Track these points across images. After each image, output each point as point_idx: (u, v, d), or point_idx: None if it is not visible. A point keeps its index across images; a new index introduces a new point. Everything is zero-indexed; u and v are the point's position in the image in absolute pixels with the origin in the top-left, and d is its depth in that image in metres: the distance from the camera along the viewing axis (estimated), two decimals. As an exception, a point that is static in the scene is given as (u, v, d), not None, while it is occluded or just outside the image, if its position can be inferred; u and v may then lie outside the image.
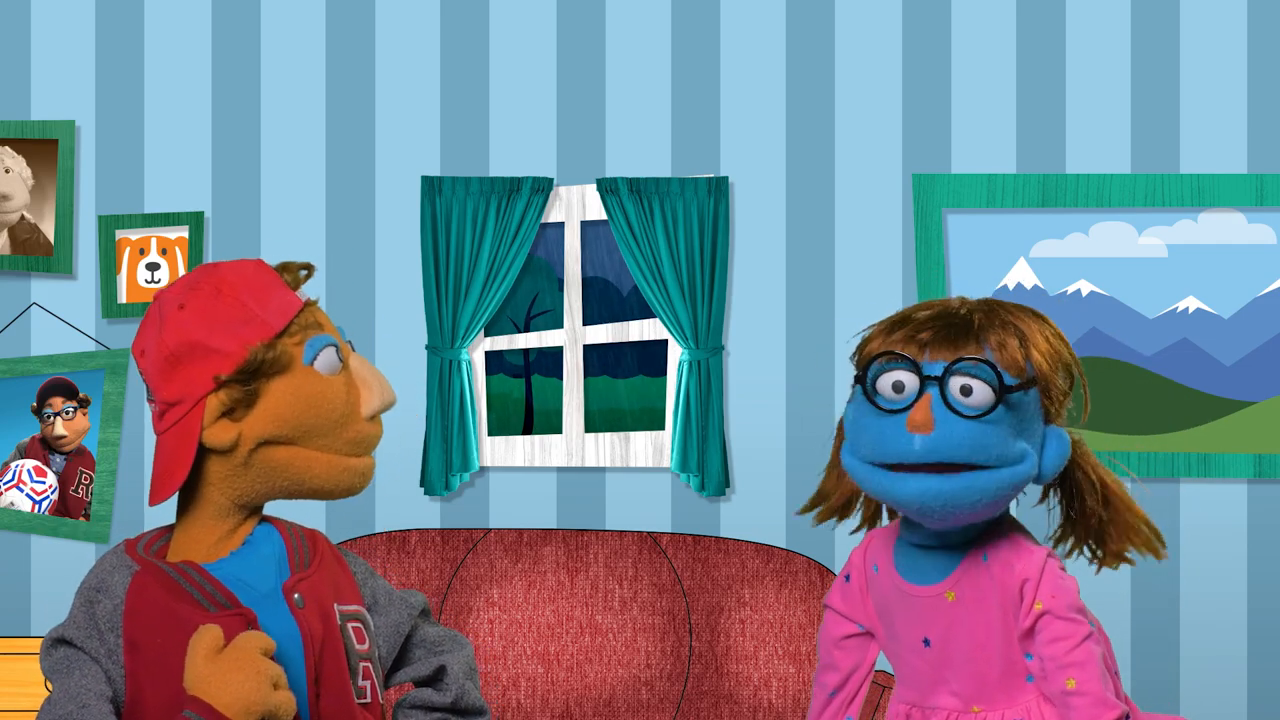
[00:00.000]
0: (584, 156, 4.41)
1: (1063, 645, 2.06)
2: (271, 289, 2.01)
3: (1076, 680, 2.05)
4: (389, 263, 4.44)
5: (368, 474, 2.07)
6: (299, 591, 2.04)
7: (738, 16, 4.40)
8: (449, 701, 2.20)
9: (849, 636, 2.27)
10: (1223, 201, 4.27)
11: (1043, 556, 2.10)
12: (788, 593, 4.12)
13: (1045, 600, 2.07)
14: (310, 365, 2.00)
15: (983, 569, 2.11)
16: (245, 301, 1.98)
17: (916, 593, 2.15)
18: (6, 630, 4.42)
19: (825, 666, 2.29)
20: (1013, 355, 2.02)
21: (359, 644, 2.08)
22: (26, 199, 4.41)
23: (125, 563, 2.01)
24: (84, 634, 1.97)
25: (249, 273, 2.02)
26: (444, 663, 2.22)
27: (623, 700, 4.10)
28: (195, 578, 1.99)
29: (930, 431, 1.99)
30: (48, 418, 4.40)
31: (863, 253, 4.36)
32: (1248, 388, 4.27)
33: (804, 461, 4.37)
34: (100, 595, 1.98)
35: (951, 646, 2.13)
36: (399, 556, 4.16)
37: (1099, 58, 4.34)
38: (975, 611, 2.11)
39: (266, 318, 1.98)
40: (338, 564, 2.14)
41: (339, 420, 2.01)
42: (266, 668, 1.87)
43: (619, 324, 4.48)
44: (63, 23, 4.45)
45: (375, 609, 2.17)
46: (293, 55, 4.44)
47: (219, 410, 1.97)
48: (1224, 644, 4.31)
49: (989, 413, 1.99)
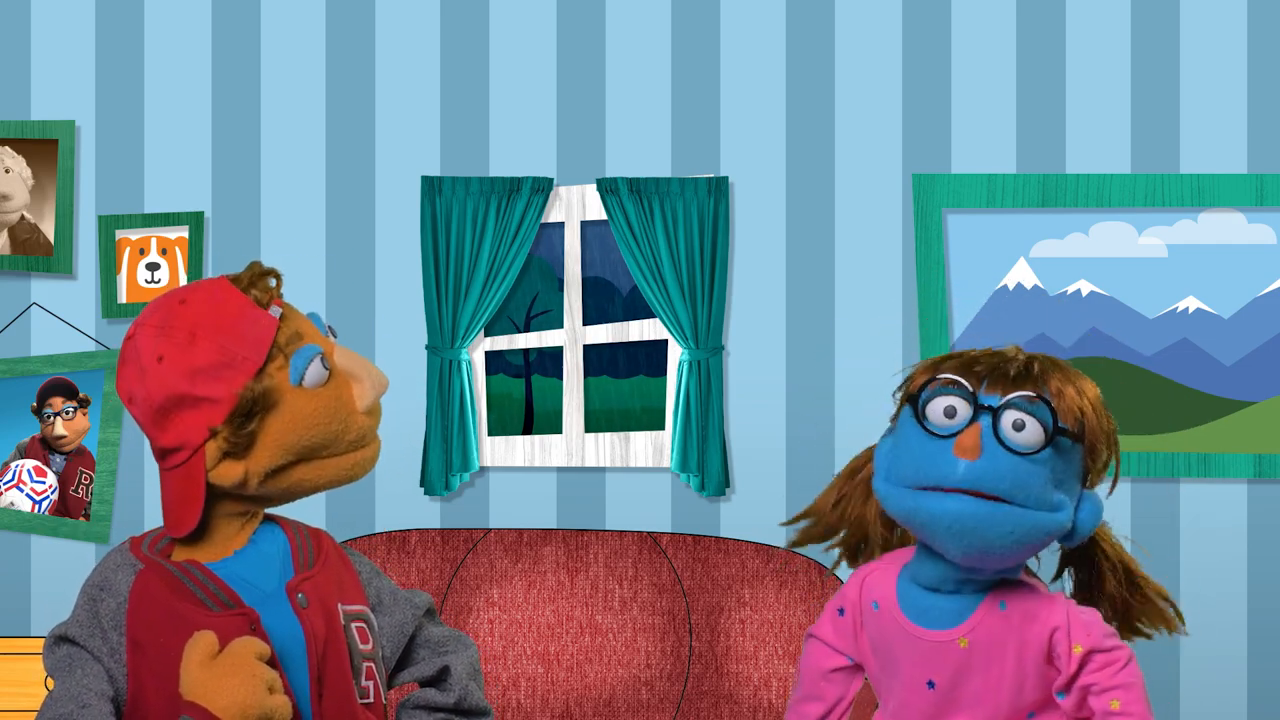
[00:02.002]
0: (584, 156, 4.41)
1: (1109, 671, 2.05)
2: (243, 317, 1.97)
3: (1121, 701, 2.04)
4: (389, 263, 4.44)
5: (375, 456, 2.08)
6: (302, 591, 2.03)
7: (738, 16, 4.40)
8: (451, 702, 2.19)
9: (838, 669, 2.25)
10: (1223, 201, 4.26)
11: (1062, 600, 2.09)
12: (788, 593, 4.12)
13: (1082, 641, 2.06)
14: (300, 385, 1.99)
15: (1000, 617, 2.09)
16: (222, 343, 1.95)
17: (925, 636, 2.12)
18: (6, 630, 4.42)
19: (808, 696, 2.26)
20: (1071, 402, 2.01)
21: (362, 644, 2.08)
22: (26, 199, 4.41)
23: (130, 561, 2.01)
24: (87, 632, 1.97)
25: (217, 302, 1.97)
26: (448, 663, 2.21)
27: (623, 700, 4.10)
28: (199, 577, 1.99)
29: (977, 458, 1.97)
30: (48, 418, 4.40)
31: (863, 253, 4.36)
32: (1248, 388, 4.27)
33: (804, 461, 4.37)
34: (104, 593, 1.98)
35: (959, 690, 2.11)
36: (399, 556, 4.16)
37: (1099, 58, 4.34)
38: (990, 659, 2.09)
39: (246, 354, 1.95)
40: (342, 563, 2.14)
41: (339, 429, 2.02)
42: (262, 672, 1.87)
43: (619, 324, 4.48)
44: (63, 23, 4.45)
45: (379, 609, 2.16)
46: (293, 55, 4.44)
47: (219, 453, 1.96)
48: (1224, 644, 4.31)
49: (1037, 452, 1.97)
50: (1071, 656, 2.06)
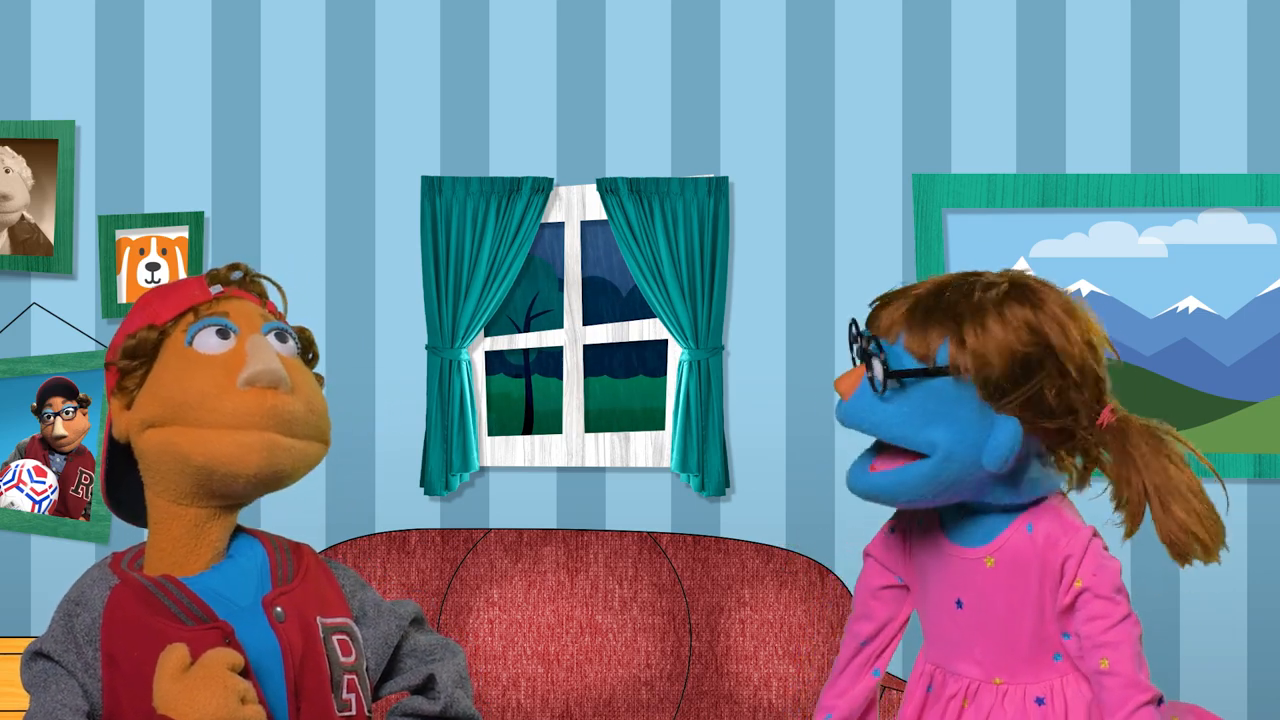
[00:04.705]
0: (584, 156, 4.41)
1: (1100, 624, 2.05)
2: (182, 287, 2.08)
3: (1110, 660, 2.04)
4: (389, 263, 4.44)
5: (270, 451, 1.97)
6: (280, 605, 2.03)
7: (738, 16, 4.40)
8: (438, 710, 2.19)
9: (886, 587, 2.26)
10: (1223, 201, 4.26)
11: (1088, 535, 2.09)
12: (788, 593, 4.12)
13: (1086, 578, 2.06)
14: (190, 346, 2.01)
15: (1026, 539, 2.10)
16: (150, 300, 2.07)
17: (957, 553, 2.14)
18: (6, 630, 4.42)
19: (860, 616, 2.28)
20: (922, 342, 2.01)
21: (344, 656, 2.07)
22: (26, 199, 4.41)
23: (106, 576, 2.02)
24: (62, 647, 1.97)
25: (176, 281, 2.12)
26: (433, 671, 2.21)
27: (623, 700, 4.09)
28: (173, 591, 1.99)
29: (848, 398, 2.05)
30: (48, 418, 4.40)
31: (863, 253, 4.36)
32: (1248, 388, 4.27)
33: (804, 461, 4.37)
34: (79, 608, 1.99)
35: (985, 613, 2.13)
36: (399, 556, 4.16)
37: (1099, 58, 4.34)
38: (1013, 580, 2.10)
39: (160, 309, 2.05)
40: (324, 577, 2.13)
41: (211, 392, 1.97)
42: (234, 684, 1.87)
43: (619, 324, 4.48)
44: (63, 23, 4.45)
45: (364, 620, 2.16)
46: (293, 55, 4.44)
47: (121, 405, 2.05)
48: (1224, 644, 4.31)
49: (884, 391, 2.02)
50: (1070, 588, 2.07)
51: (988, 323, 2.02)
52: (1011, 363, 2.01)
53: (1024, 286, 2.07)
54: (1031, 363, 2.02)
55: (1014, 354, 2.02)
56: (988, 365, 2.01)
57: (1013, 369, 2.01)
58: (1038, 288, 2.08)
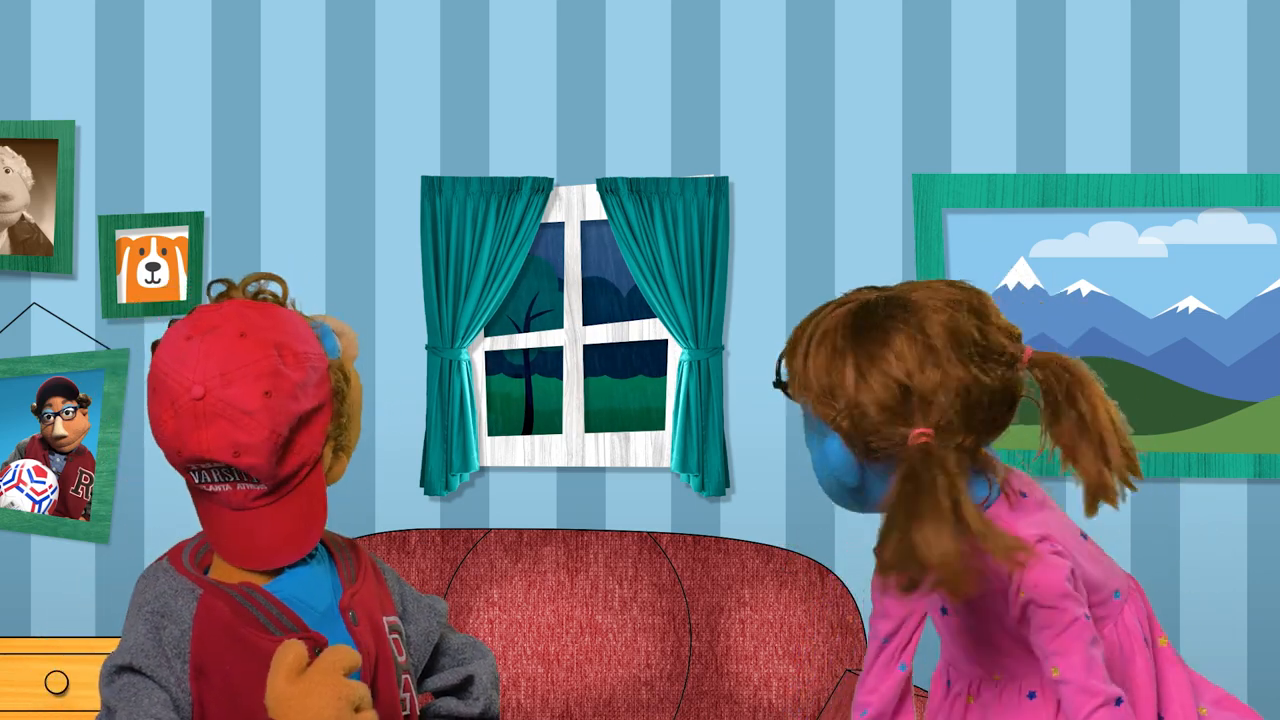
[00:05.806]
0: (584, 156, 4.41)
1: (1047, 634, 2.03)
2: (286, 318, 1.93)
3: (1060, 668, 2.02)
4: (389, 263, 4.44)
5: None
6: (353, 608, 1.98)
7: (738, 16, 4.40)
8: (477, 713, 2.15)
9: None
10: (1223, 201, 4.26)
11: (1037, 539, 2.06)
12: (788, 593, 4.12)
13: (1028, 589, 2.03)
14: (335, 359, 1.96)
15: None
16: (295, 350, 1.89)
17: None
18: (6, 630, 4.42)
19: (878, 614, 2.27)
20: (792, 364, 2.20)
21: (399, 655, 2.03)
22: (26, 199, 4.41)
23: (186, 585, 1.93)
24: (152, 661, 1.90)
25: (277, 316, 1.92)
26: (472, 672, 2.17)
27: (623, 700, 4.09)
28: (260, 600, 1.92)
29: None
30: (48, 418, 4.40)
31: (863, 253, 4.36)
32: (1248, 388, 4.27)
33: (804, 461, 4.34)
34: (166, 620, 1.91)
35: (965, 618, 2.13)
36: (399, 556, 4.16)
37: (1099, 58, 4.34)
38: None
39: (307, 348, 1.91)
40: (376, 575, 2.09)
41: None
42: (348, 690, 1.79)
43: (619, 324, 4.48)
44: (63, 23, 4.45)
45: (406, 617, 2.11)
46: (293, 55, 4.44)
47: (331, 454, 1.97)
48: (1224, 644, 4.31)
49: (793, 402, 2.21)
50: (1016, 599, 2.05)
51: (818, 356, 2.20)
52: (827, 395, 2.16)
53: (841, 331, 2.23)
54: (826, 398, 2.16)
55: (827, 388, 2.15)
56: (811, 392, 2.16)
57: (817, 400, 2.16)
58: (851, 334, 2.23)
